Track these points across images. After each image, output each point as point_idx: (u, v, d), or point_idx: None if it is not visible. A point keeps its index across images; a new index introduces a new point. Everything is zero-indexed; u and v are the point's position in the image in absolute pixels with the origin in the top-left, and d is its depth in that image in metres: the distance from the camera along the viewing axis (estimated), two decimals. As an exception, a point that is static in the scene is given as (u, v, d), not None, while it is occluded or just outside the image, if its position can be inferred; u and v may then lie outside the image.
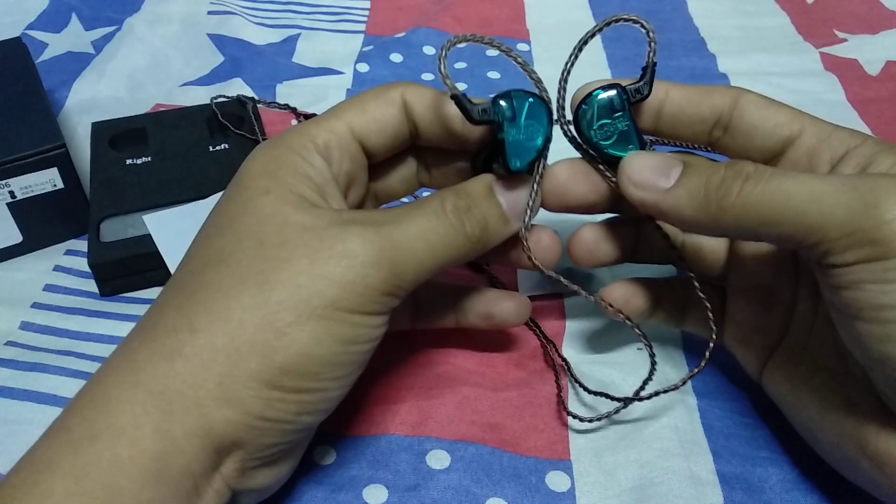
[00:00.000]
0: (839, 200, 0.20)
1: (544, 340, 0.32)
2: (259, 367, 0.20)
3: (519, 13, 0.57)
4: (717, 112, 0.25)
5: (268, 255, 0.21)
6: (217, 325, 0.20)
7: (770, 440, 0.28)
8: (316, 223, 0.22)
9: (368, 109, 0.25)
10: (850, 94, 0.48)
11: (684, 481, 0.26)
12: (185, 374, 0.20)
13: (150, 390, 0.20)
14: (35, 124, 0.35)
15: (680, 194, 0.23)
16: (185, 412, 0.20)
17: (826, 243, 0.20)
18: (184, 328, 0.21)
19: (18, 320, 0.33)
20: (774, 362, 0.26)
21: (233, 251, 0.22)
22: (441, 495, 0.26)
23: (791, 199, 0.20)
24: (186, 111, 0.42)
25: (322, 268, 0.21)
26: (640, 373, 0.30)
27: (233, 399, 0.20)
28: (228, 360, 0.20)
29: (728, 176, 0.22)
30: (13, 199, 0.34)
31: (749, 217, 0.21)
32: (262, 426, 0.21)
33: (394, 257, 0.22)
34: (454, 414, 0.29)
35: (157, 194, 0.36)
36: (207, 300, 0.21)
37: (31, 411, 0.29)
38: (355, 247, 0.21)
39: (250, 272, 0.21)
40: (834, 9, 0.57)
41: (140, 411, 0.20)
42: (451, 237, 0.23)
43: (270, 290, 0.21)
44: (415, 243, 0.22)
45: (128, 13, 0.54)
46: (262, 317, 0.20)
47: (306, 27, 0.54)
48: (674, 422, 0.28)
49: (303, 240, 0.21)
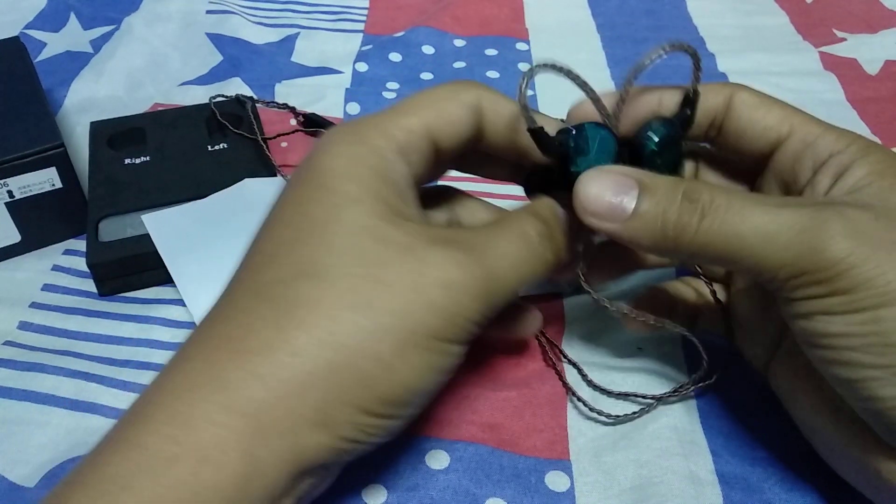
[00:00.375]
0: (789, 243, 0.20)
1: (548, 344, 0.31)
2: (359, 395, 0.20)
3: (518, 13, 0.57)
4: (709, 115, 0.25)
5: (369, 276, 0.20)
6: (318, 350, 0.20)
7: (769, 440, 0.28)
8: (413, 242, 0.21)
9: (445, 110, 0.24)
10: (849, 93, 0.48)
11: (684, 481, 0.26)
12: (283, 398, 0.19)
13: (241, 413, 0.19)
14: (33, 124, 0.35)
15: (637, 227, 0.22)
16: (278, 438, 0.19)
17: (777, 281, 0.21)
18: (283, 349, 0.20)
19: (17, 320, 0.33)
20: (776, 362, 0.26)
21: (330, 266, 0.20)
22: (440, 495, 0.26)
23: (743, 239, 0.21)
24: (185, 111, 0.42)
25: (426, 296, 0.20)
26: (640, 372, 0.30)
27: (329, 424, 0.20)
28: (327, 385, 0.20)
29: (684, 210, 0.22)
30: (11, 198, 0.34)
31: (706, 253, 0.22)
32: (348, 448, 0.21)
33: (489, 288, 0.21)
34: (453, 414, 0.28)
35: (155, 194, 0.36)
36: (307, 319, 0.20)
37: (30, 411, 0.29)
38: (455, 276, 0.21)
39: (352, 293, 0.20)
40: (833, 8, 0.57)
41: (227, 434, 0.19)
42: (535, 265, 0.23)
43: (374, 316, 0.20)
44: (507, 272, 0.22)
45: (126, 12, 0.54)
46: (365, 343, 0.20)
47: (305, 26, 0.54)
48: (673, 421, 0.28)
49: (404, 261, 0.21)
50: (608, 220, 0.22)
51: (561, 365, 0.31)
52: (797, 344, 0.25)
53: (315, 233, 0.21)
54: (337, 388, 0.20)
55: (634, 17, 0.57)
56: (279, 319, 0.20)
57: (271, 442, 0.19)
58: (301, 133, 0.44)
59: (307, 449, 0.20)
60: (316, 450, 0.20)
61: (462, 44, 0.53)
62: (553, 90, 0.47)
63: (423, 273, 0.20)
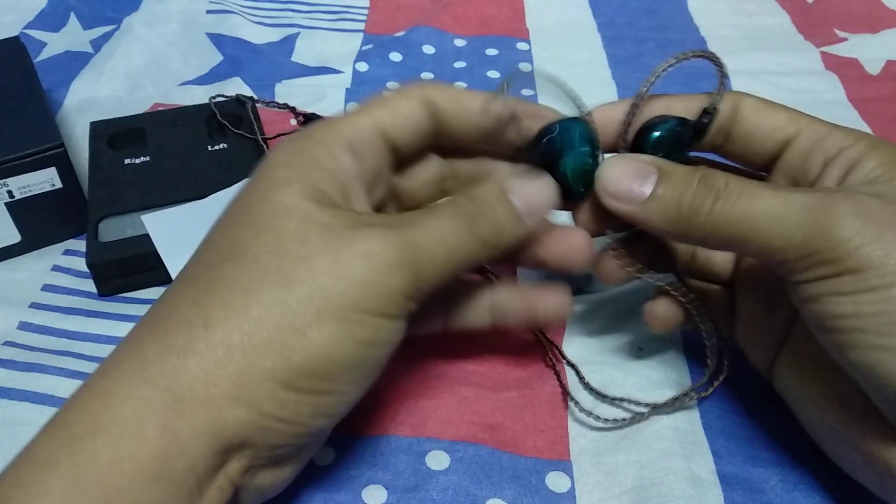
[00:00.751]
0: (799, 223, 0.21)
1: (548, 345, 0.31)
2: (276, 367, 0.20)
3: (519, 12, 0.57)
4: (719, 122, 0.26)
5: (288, 251, 0.21)
6: (234, 322, 0.20)
7: (771, 440, 0.28)
8: (336, 223, 0.21)
9: (395, 107, 0.25)
10: (850, 93, 0.48)
11: (685, 482, 0.26)
12: (198, 371, 0.20)
13: (158, 386, 0.19)
14: (33, 124, 0.35)
15: (654, 208, 0.23)
16: (195, 410, 0.19)
17: (788, 263, 0.22)
18: (198, 323, 0.20)
19: (16, 320, 0.33)
20: (781, 361, 0.26)
21: (251, 245, 0.21)
22: (440, 496, 0.26)
23: (755, 221, 0.22)
24: (185, 111, 0.42)
25: (345, 268, 0.21)
26: (640, 373, 0.30)
27: (247, 398, 0.20)
28: (244, 358, 0.20)
29: (699, 193, 0.23)
30: (11, 198, 0.34)
31: (718, 235, 0.22)
32: (274, 427, 0.20)
33: (414, 260, 0.21)
34: (454, 414, 0.28)
35: (155, 194, 0.36)
36: (224, 296, 0.20)
37: (29, 412, 0.29)
38: (377, 248, 0.21)
39: (269, 269, 0.21)
40: (834, 8, 0.57)
41: (146, 408, 0.19)
42: (466, 241, 0.23)
43: (291, 289, 0.20)
44: (434, 247, 0.22)
45: (126, 12, 0.54)
46: (281, 315, 0.20)
47: (305, 26, 0.54)
48: (674, 422, 0.28)
49: (324, 238, 0.21)
50: (626, 201, 0.24)
51: (561, 366, 0.31)
52: (804, 340, 0.26)
53: (245, 217, 0.22)
54: (253, 361, 0.20)
55: (635, 16, 0.56)
56: (198, 298, 0.21)
57: (188, 415, 0.19)
58: (301, 133, 0.44)
59: (226, 423, 0.20)
60: (235, 424, 0.20)
61: (462, 44, 0.53)
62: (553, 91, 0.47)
63: (343, 247, 0.21)
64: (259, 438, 0.20)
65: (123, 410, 0.19)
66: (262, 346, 0.20)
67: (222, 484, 0.20)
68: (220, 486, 0.20)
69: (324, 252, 0.21)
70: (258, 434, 0.20)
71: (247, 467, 0.21)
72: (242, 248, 0.21)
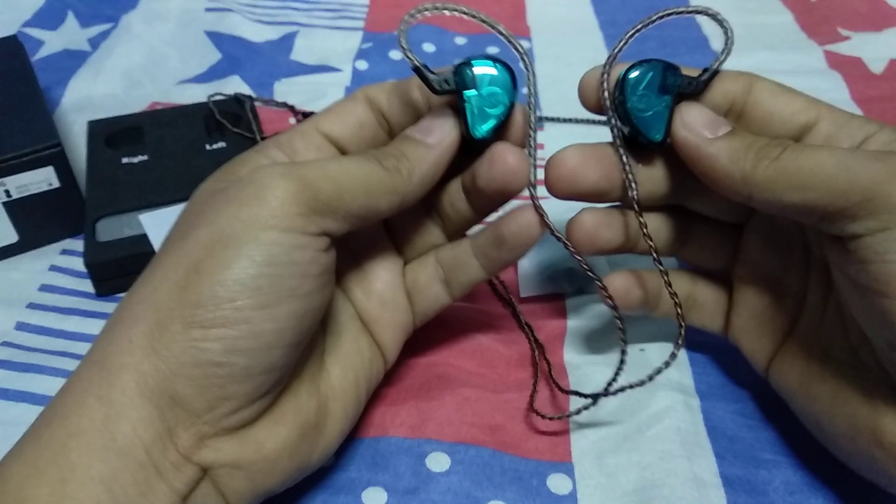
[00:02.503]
0: (865, 168, 0.21)
1: (533, 343, 0.31)
2: (176, 306, 0.20)
3: (520, 10, 0.57)
4: (729, 98, 0.25)
5: (192, 216, 0.22)
6: (147, 284, 0.21)
7: (774, 442, 0.28)
8: (235, 183, 0.22)
9: (333, 109, 0.27)
10: (853, 92, 0.48)
11: (687, 483, 0.26)
12: (118, 336, 0.21)
13: (92, 361, 0.21)
14: (31, 123, 0.35)
15: (721, 146, 0.24)
16: (119, 372, 0.20)
17: (850, 209, 0.21)
18: (125, 300, 0.22)
19: (14, 320, 0.32)
20: (783, 355, 0.26)
21: (171, 230, 0.23)
22: (441, 498, 0.26)
23: (821, 165, 0.21)
24: (183, 109, 0.42)
25: (235, 202, 0.21)
26: (641, 373, 0.30)
27: (159, 347, 0.20)
28: (152, 309, 0.21)
29: (769, 144, 0.23)
30: (9, 198, 0.34)
31: (780, 180, 0.22)
32: (192, 373, 0.20)
33: (304, 174, 0.22)
34: (454, 416, 0.28)
35: (153, 193, 0.36)
36: (146, 271, 0.22)
37: (27, 413, 0.28)
38: (262, 174, 0.22)
39: (179, 235, 0.22)
40: (838, 6, 0.56)
41: (85, 385, 0.20)
42: (369, 167, 0.23)
43: (190, 236, 0.21)
44: (327, 165, 0.23)
45: (124, 10, 0.53)
46: (181, 259, 0.21)
47: (304, 24, 0.54)
48: (676, 423, 0.28)
49: (223, 193, 0.22)
50: (697, 133, 0.24)
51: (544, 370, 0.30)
52: (813, 332, 0.25)
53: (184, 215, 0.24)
54: (159, 309, 0.20)
55: (637, 14, 0.56)
56: (137, 281, 0.22)
57: (115, 380, 0.20)
58: (300, 132, 0.43)
59: (147, 376, 0.20)
60: (155, 376, 0.20)
61: (463, 41, 0.53)
62: (554, 91, 0.47)
63: (236, 186, 0.22)
64: (185, 391, 0.20)
65: (70, 393, 0.20)
66: (165, 293, 0.21)
67: (176, 460, 0.20)
68: (175, 462, 0.20)
69: (220, 203, 0.22)
70: (181, 385, 0.20)
71: (198, 437, 0.21)
72: (164, 242, 0.23)
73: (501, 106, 0.25)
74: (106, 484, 0.19)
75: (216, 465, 0.21)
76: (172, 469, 0.20)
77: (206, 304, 0.20)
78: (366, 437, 0.28)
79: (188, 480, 0.20)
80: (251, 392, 0.21)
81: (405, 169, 0.24)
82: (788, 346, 0.26)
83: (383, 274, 0.27)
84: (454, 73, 0.24)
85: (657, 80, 0.25)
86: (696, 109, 0.25)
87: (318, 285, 0.22)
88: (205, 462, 0.21)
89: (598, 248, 0.27)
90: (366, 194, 0.23)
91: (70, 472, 0.19)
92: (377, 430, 0.28)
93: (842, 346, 0.24)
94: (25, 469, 0.19)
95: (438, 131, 0.25)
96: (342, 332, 0.26)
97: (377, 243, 0.28)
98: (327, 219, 0.22)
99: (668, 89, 0.25)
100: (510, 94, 0.25)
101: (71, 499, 0.19)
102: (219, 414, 0.21)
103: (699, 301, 0.29)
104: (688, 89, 0.25)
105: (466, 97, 0.24)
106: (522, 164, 0.25)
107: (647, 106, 0.25)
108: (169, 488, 0.20)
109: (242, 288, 0.20)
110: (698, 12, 0.25)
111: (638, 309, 0.28)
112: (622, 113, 0.25)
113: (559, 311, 0.33)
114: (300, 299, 0.21)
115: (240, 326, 0.20)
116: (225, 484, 0.21)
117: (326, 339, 0.25)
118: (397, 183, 0.24)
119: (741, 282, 0.28)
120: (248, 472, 0.22)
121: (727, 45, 0.25)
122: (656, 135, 0.25)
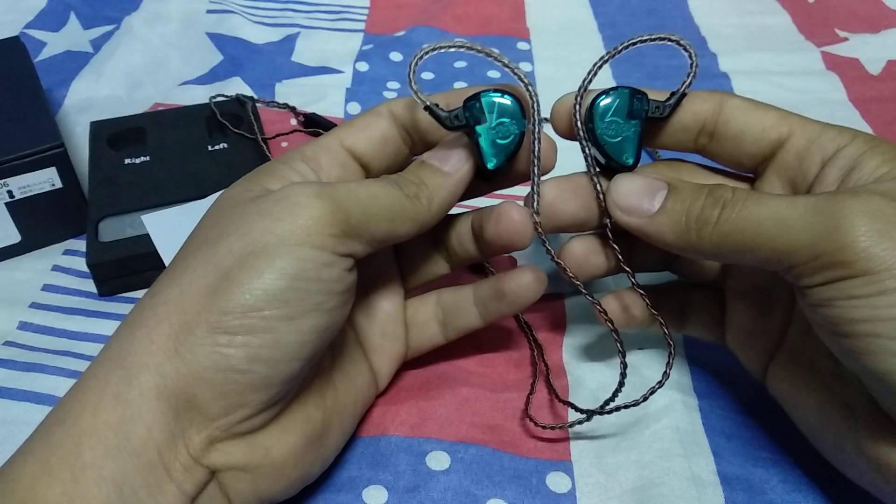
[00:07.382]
0: (805, 226, 0.21)
1: (532, 343, 0.31)
2: (204, 311, 0.20)
3: (519, 12, 0.57)
4: (699, 119, 0.26)
5: (222, 224, 0.22)
6: (172, 289, 0.21)
7: (771, 441, 0.28)
8: (267, 195, 0.23)
9: (356, 124, 0.26)
10: (851, 93, 0.48)
11: (685, 482, 0.26)
12: (139, 335, 0.21)
13: (110, 359, 0.21)
14: (33, 124, 0.35)
15: (662, 221, 0.24)
16: (139, 372, 0.20)
17: (796, 267, 0.21)
18: (147, 300, 0.22)
19: (17, 320, 0.33)
20: (775, 364, 0.26)
21: (195, 234, 0.23)
22: (441, 496, 0.26)
23: (761, 226, 0.21)
24: (185, 110, 0.42)
25: (269, 216, 0.22)
26: (642, 374, 0.30)
27: (183, 350, 0.20)
28: (178, 311, 0.21)
29: (707, 204, 0.23)
30: (11, 198, 0.34)
31: (726, 244, 0.22)
32: (213, 378, 0.20)
33: (337, 196, 0.22)
34: (454, 415, 0.28)
35: (155, 194, 0.36)
36: (170, 272, 0.22)
37: (29, 412, 0.28)
38: (297, 191, 0.22)
39: (206, 240, 0.22)
40: (835, 8, 0.57)
41: (103, 384, 0.20)
42: (393, 194, 0.24)
43: (221, 244, 0.21)
44: (357, 189, 0.23)
45: (126, 12, 0.54)
46: (211, 266, 0.21)
47: (305, 26, 0.54)
48: (675, 422, 0.28)
49: (255, 204, 0.22)
50: (637, 215, 0.24)
51: (542, 371, 0.30)
52: (800, 345, 0.25)
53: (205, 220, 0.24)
54: (185, 311, 0.21)
55: (636, 16, 0.56)
56: (156, 283, 0.22)
57: (134, 380, 0.20)
58: (301, 133, 0.44)
59: (167, 378, 0.20)
60: (175, 378, 0.20)
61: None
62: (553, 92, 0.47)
63: (270, 199, 0.22)
64: (203, 394, 0.20)
65: (84, 391, 0.20)
66: (192, 297, 0.21)
67: (186, 462, 0.20)
68: (185, 464, 0.20)
69: (253, 214, 0.22)
70: (200, 388, 0.20)
71: (208, 440, 0.21)
72: (188, 238, 0.23)
73: (512, 136, 0.25)
74: (117, 484, 0.19)
75: (225, 468, 0.21)
76: (182, 470, 0.20)
77: (233, 311, 0.20)
78: (366, 436, 0.28)
79: (197, 482, 0.20)
80: (267, 401, 0.22)
81: (424, 197, 0.24)
82: (779, 356, 0.26)
83: (386, 305, 0.28)
84: (464, 109, 0.25)
85: (624, 107, 0.25)
86: (626, 185, 0.25)
87: (340, 302, 0.23)
88: (214, 465, 0.21)
89: (590, 275, 0.28)
90: (389, 220, 0.23)
91: (82, 471, 0.19)
92: (377, 428, 0.28)
93: (827, 358, 0.24)
94: (36, 468, 0.19)
95: (455, 159, 0.25)
96: (346, 353, 0.27)
97: (385, 271, 0.28)
98: (354, 241, 0.22)
99: (635, 115, 0.25)
100: (520, 124, 0.25)
101: (81, 499, 0.19)
102: (232, 419, 0.21)
103: (695, 312, 0.29)
104: (655, 113, 0.25)
105: (478, 131, 0.25)
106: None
107: (617, 132, 0.25)
108: (178, 489, 0.20)
109: (271, 299, 0.21)
110: (662, 39, 0.26)
111: (634, 328, 0.28)
112: (593, 140, 0.26)
113: (559, 310, 0.34)
114: (324, 314, 0.22)
115: (265, 336, 0.21)
116: (231, 487, 0.22)
117: (334, 357, 0.26)
118: (418, 210, 0.24)
119: (733, 293, 0.28)
120: (255, 477, 0.22)
121: (693, 68, 0.26)
122: (627, 159, 0.26)
